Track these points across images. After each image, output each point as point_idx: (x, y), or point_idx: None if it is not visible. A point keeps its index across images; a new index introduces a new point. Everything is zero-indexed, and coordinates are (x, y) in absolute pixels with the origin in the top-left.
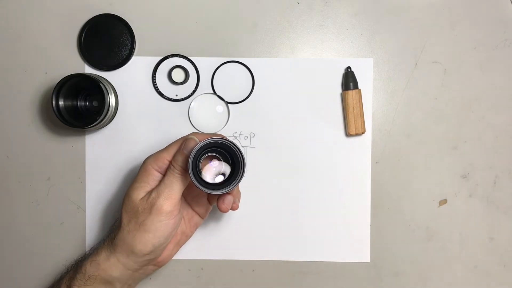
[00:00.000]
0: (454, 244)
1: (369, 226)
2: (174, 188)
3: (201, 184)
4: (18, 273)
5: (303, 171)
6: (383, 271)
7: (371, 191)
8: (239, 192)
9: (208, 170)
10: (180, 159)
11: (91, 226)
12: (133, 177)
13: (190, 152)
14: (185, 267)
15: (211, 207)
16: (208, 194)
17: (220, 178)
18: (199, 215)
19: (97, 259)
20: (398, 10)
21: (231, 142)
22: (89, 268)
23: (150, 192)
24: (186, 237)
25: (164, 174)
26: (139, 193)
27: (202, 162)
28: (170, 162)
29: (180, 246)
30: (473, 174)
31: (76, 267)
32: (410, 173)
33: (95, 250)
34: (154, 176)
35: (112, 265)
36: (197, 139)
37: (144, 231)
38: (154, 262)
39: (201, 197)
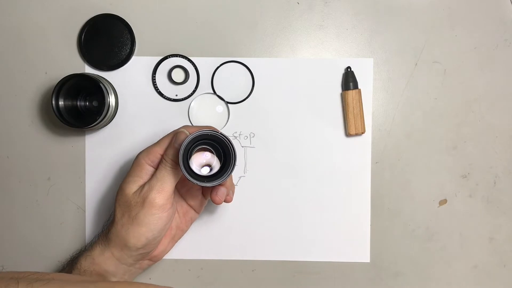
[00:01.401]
0: (454, 244)
1: (369, 226)
2: (166, 181)
3: (192, 177)
4: None
5: (303, 171)
6: (383, 271)
7: (371, 191)
8: (233, 185)
9: (199, 163)
10: (171, 153)
11: (91, 226)
12: None
13: (180, 146)
14: (185, 267)
15: (206, 201)
16: (202, 187)
17: (213, 170)
18: (194, 210)
19: (91, 254)
20: (398, 10)
21: (221, 133)
22: (84, 263)
23: (142, 186)
24: (182, 231)
25: (157, 168)
26: (132, 187)
27: (193, 154)
28: (162, 155)
29: (176, 241)
30: (473, 174)
31: (71, 263)
32: (410, 173)
33: (89, 245)
34: (146, 170)
35: (106, 260)
36: (187, 132)
37: (137, 225)
38: (149, 257)
39: (195, 191)
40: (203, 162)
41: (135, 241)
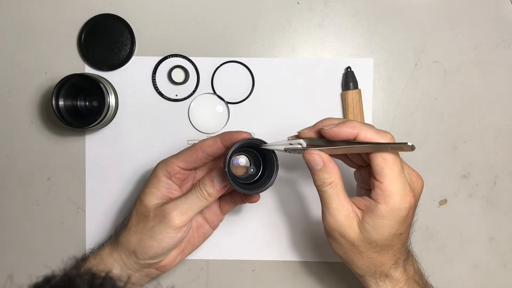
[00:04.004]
0: (454, 244)
1: None
2: (193, 207)
3: (241, 187)
4: (18, 273)
5: (303, 171)
6: None
7: None
8: None
9: (239, 171)
10: (209, 184)
11: (91, 226)
12: (133, 176)
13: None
14: (185, 267)
15: (222, 218)
16: (220, 202)
17: (249, 172)
18: (209, 225)
19: (101, 254)
20: (398, 10)
21: (257, 139)
22: (93, 261)
23: (166, 201)
24: (192, 246)
25: (184, 186)
26: (151, 199)
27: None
28: (198, 182)
29: (186, 255)
30: (473, 174)
31: (82, 260)
32: None
33: (100, 245)
34: (163, 182)
35: (114, 261)
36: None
37: (150, 237)
38: (156, 266)
39: (213, 204)
40: (243, 170)
41: (143, 251)
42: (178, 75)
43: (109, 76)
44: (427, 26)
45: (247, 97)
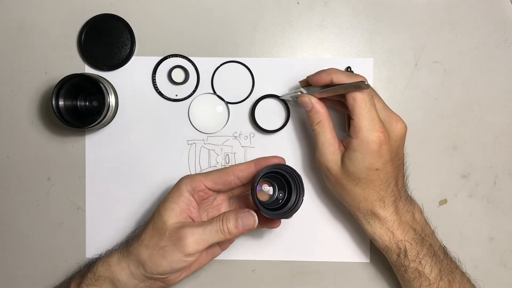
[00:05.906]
0: (454, 244)
1: None
2: (209, 240)
3: (270, 215)
4: (18, 273)
5: (303, 171)
6: (383, 271)
7: None
8: None
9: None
10: (232, 222)
11: (91, 226)
12: (133, 176)
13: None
14: None
15: (233, 240)
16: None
17: (272, 198)
18: (219, 245)
19: (109, 260)
20: (398, 10)
21: (285, 165)
22: (100, 268)
23: (183, 218)
24: (200, 264)
25: (203, 205)
26: (170, 215)
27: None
28: (223, 215)
29: (192, 272)
30: (473, 174)
31: (89, 266)
32: (410, 173)
33: (109, 252)
34: (184, 197)
35: (121, 270)
36: (254, 214)
37: (161, 256)
38: (161, 280)
39: None
40: (266, 196)
41: (152, 266)
42: (178, 75)
43: (109, 76)
44: (427, 26)
45: (247, 97)
